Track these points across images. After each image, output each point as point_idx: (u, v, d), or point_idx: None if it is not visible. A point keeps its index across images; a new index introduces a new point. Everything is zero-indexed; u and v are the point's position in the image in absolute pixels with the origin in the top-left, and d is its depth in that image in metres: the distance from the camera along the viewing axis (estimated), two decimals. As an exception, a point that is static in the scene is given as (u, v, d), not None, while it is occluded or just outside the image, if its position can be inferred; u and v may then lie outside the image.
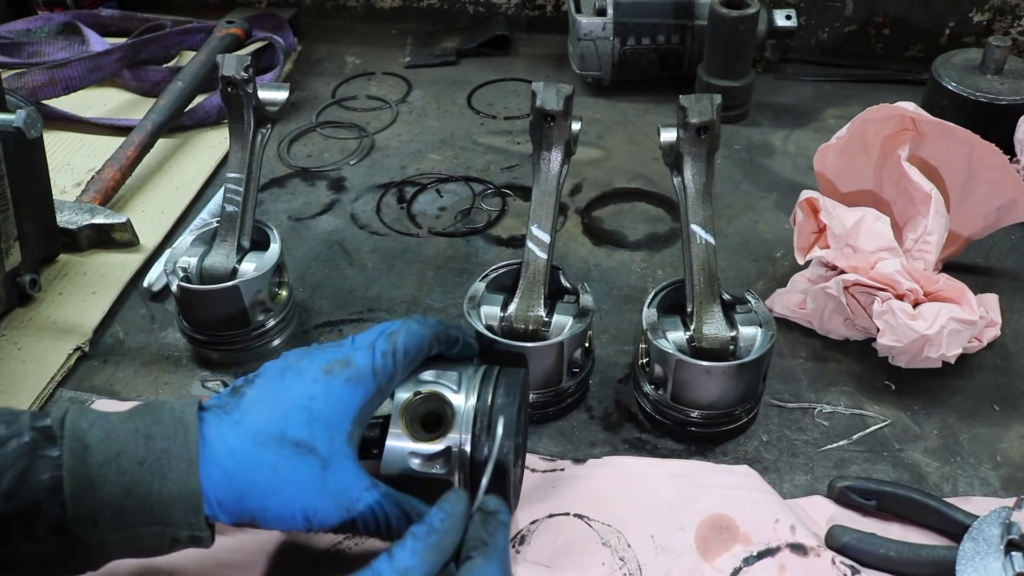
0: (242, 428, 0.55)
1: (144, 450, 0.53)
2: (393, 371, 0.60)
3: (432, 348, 0.63)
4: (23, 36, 1.35)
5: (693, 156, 0.76)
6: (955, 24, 1.31)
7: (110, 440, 0.54)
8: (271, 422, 0.56)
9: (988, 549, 0.63)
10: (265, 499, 0.54)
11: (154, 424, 0.55)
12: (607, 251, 1.01)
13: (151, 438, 0.54)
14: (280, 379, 0.58)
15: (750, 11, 1.11)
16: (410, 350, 0.61)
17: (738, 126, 1.21)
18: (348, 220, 1.07)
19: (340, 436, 0.57)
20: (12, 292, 0.92)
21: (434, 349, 0.64)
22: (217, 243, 0.85)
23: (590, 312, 0.77)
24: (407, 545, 0.51)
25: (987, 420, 0.80)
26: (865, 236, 0.83)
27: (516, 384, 0.64)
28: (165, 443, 0.54)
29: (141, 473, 0.53)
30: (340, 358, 0.59)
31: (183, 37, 1.36)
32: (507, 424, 0.61)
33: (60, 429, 0.54)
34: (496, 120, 1.26)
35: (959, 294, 0.79)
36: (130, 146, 1.11)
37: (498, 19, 1.45)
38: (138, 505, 0.53)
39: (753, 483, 0.73)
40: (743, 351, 0.75)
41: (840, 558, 0.66)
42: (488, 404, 0.62)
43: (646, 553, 0.68)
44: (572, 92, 0.77)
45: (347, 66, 1.40)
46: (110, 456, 0.53)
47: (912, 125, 0.87)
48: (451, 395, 0.63)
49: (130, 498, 0.52)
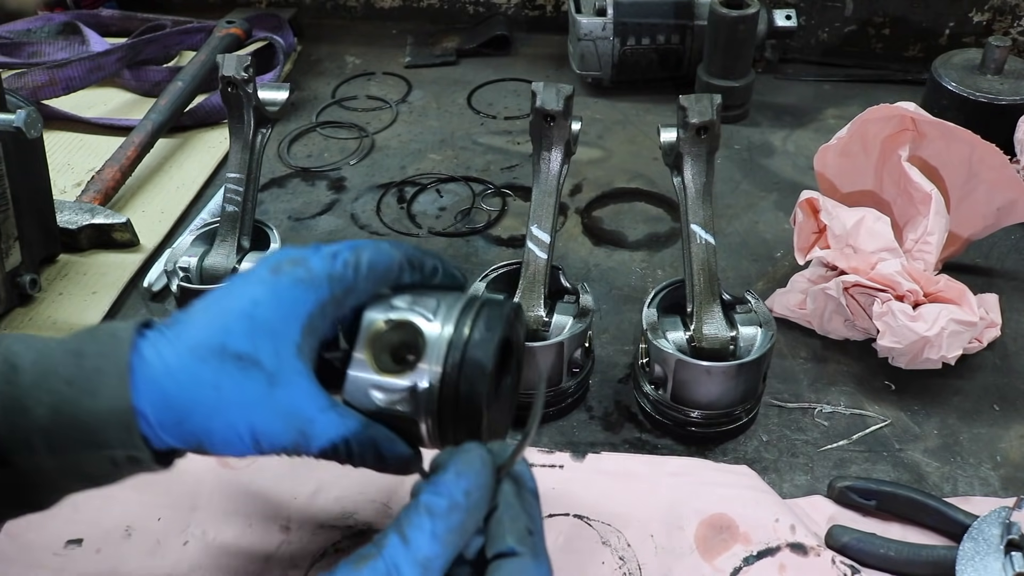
0: (181, 342, 0.50)
1: (74, 368, 0.49)
2: (353, 283, 0.53)
3: (404, 273, 0.56)
4: (23, 36, 1.35)
5: (693, 156, 0.76)
6: (955, 24, 1.31)
7: (40, 360, 0.50)
8: (211, 334, 0.50)
9: (988, 549, 0.63)
10: (208, 420, 0.49)
11: (88, 342, 0.50)
12: (607, 251, 1.01)
13: (82, 356, 0.50)
14: (229, 285, 0.53)
15: (750, 11, 1.11)
16: (376, 267, 0.54)
17: (738, 126, 1.21)
18: (348, 220, 1.07)
19: (288, 347, 0.50)
20: (12, 292, 0.92)
21: (406, 276, 0.56)
22: (217, 243, 0.85)
23: (590, 312, 0.77)
24: (424, 526, 0.44)
25: (987, 420, 0.80)
26: (865, 236, 0.83)
27: (498, 317, 0.55)
28: (97, 361, 0.49)
29: (70, 391, 0.49)
30: (292, 258, 0.52)
31: (183, 37, 1.36)
32: (481, 361, 0.52)
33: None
34: (496, 120, 1.26)
35: (959, 295, 0.79)
36: (130, 146, 1.11)
37: (498, 19, 1.45)
38: (70, 425, 0.49)
39: (752, 483, 0.73)
40: (743, 351, 0.75)
41: (840, 558, 0.66)
42: (464, 337, 0.53)
43: (646, 553, 0.68)
44: (572, 92, 0.77)
45: (347, 66, 1.40)
46: (39, 376, 0.49)
47: (912, 125, 0.87)
48: (424, 324, 0.54)
49: (60, 417, 0.49)
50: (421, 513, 0.44)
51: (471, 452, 0.47)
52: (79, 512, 0.70)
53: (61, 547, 0.69)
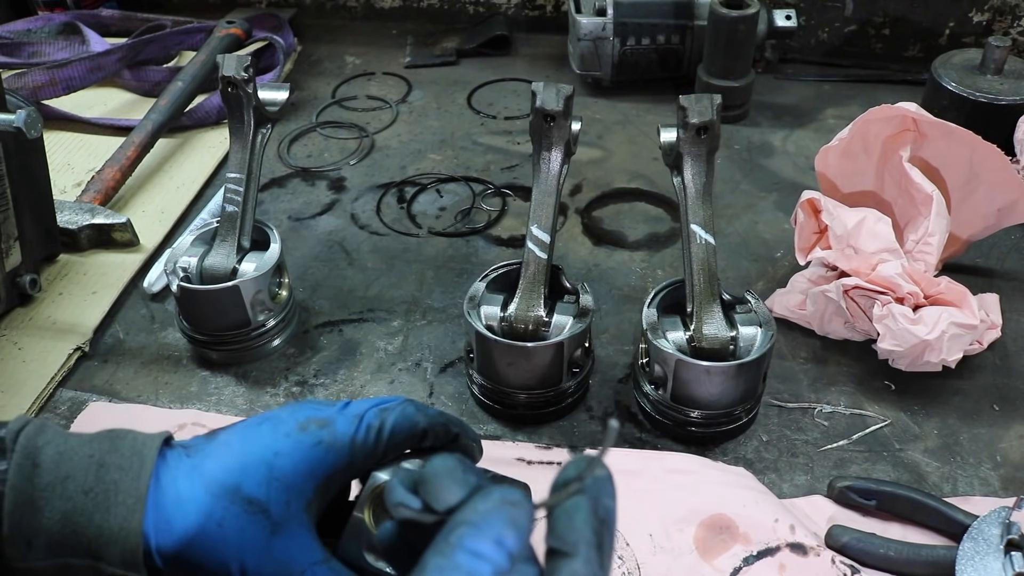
0: (197, 475, 0.52)
1: (94, 478, 0.50)
2: (374, 448, 0.54)
3: (426, 438, 0.57)
4: (23, 36, 1.35)
5: (693, 156, 0.76)
6: (955, 24, 1.31)
7: (62, 462, 0.50)
8: (229, 474, 0.52)
9: (988, 549, 0.63)
10: (204, 554, 0.51)
11: (111, 452, 0.51)
12: (607, 251, 1.01)
13: (104, 467, 0.51)
14: (256, 427, 0.54)
15: (750, 11, 1.11)
16: (399, 432, 0.55)
17: (738, 126, 1.21)
18: (348, 220, 1.07)
19: (299, 502, 0.52)
20: (12, 292, 0.92)
21: (427, 441, 0.57)
22: (217, 243, 0.85)
23: (590, 312, 0.77)
24: None
25: (987, 420, 0.80)
26: (866, 237, 0.82)
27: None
28: (117, 474, 0.50)
29: (85, 503, 0.50)
30: (321, 417, 0.54)
31: (183, 37, 1.36)
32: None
33: (13, 443, 0.50)
34: (496, 120, 1.26)
35: (960, 298, 0.78)
36: (130, 146, 1.11)
37: (498, 19, 1.45)
38: (76, 536, 0.49)
39: (751, 483, 0.73)
40: (743, 351, 0.75)
41: (840, 558, 0.66)
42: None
43: (644, 552, 0.68)
44: (572, 92, 0.77)
45: (347, 66, 1.40)
46: (57, 479, 0.50)
47: (914, 126, 0.87)
48: None
49: (69, 526, 0.49)
50: None
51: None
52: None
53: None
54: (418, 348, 0.89)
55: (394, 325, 0.92)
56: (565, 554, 0.39)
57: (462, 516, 0.39)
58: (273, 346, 0.88)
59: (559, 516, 0.40)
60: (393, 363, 0.87)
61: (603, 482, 0.43)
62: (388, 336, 0.91)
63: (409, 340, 0.90)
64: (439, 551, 0.38)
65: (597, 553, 0.40)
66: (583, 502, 0.41)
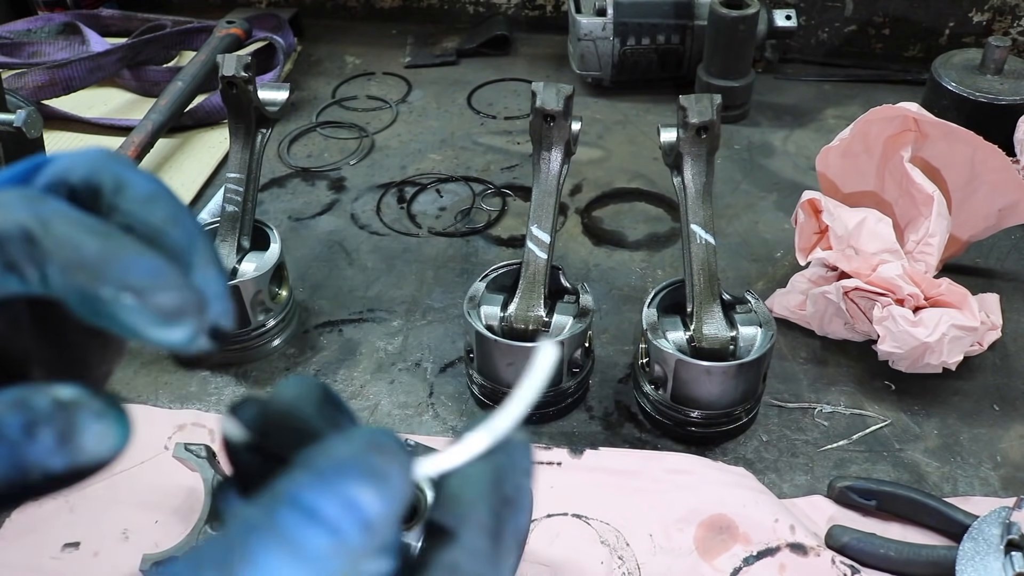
0: None
1: None
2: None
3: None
4: (23, 36, 1.35)
5: (693, 156, 0.76)
6: (955, 24, 1.31)
7: None
8: None
9: (988, 549, 0.63)
10: None
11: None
12: (607, 251, 1.01)
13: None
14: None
15: (750, 11, 1.11)
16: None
17: (738, 126, 1.21)
18: (348, 220, 1.07)
19: None
20: (12, 292, 0.92)
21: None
22: (217, 243, 0.85)
23: (590, 312, 0.77)
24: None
25: (987, 420, 0.80)
26: (867, 237, 0.82)
27: None
28: None
29: None
30: None
31: (183, 37, 1.36)
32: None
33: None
34: (496, 120, 1.26)
35: (960, 299, 0.78)
36: (130, 146, 1.11)
37: (498, 19, 1.45)
38: None
39: (751, 483, 0.72)
40: (743, 351, 0.75)
41: (840, 558, 0.66)
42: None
43: (644, 552, 0.68)
44: (572, 92, 0.77)
45: (347, 66, 1.40)
46: None
47: (915, 126, 0.87)
48: None
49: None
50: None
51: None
52: (76, 515, 0.70)
53: (58, 550, 0.69)
54: (418, 348, 0.89)
55: (394, 325, 0.92)
56: (446, 534, 0.29)
57: (304, 458, 0.27)
58: (273, 346, 0.88)
59: (450, 482, 0.30)
60: (393, 363, 0.87)
61: (518, 450, 0.31)
62: (388, 336, 0.90)
63: (409, 340, 0.90)
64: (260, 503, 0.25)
65: (489, 541, 0.29)
66: (484, 470, 0.30)
